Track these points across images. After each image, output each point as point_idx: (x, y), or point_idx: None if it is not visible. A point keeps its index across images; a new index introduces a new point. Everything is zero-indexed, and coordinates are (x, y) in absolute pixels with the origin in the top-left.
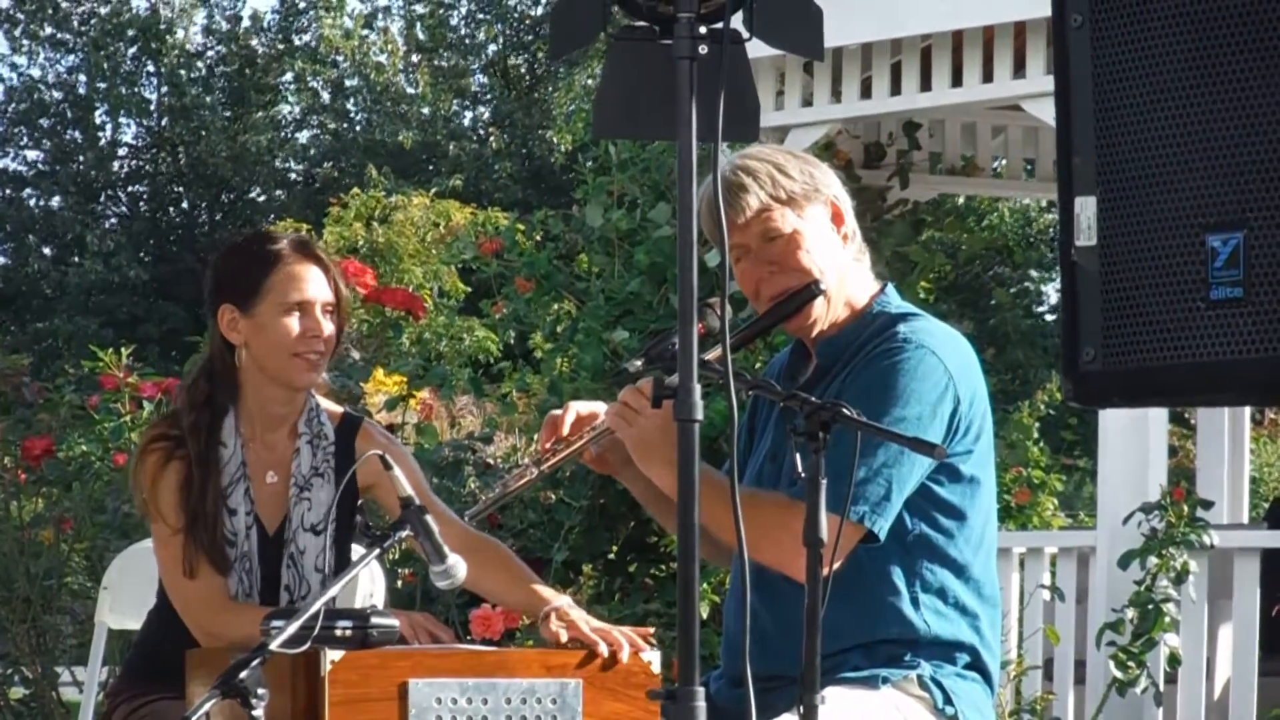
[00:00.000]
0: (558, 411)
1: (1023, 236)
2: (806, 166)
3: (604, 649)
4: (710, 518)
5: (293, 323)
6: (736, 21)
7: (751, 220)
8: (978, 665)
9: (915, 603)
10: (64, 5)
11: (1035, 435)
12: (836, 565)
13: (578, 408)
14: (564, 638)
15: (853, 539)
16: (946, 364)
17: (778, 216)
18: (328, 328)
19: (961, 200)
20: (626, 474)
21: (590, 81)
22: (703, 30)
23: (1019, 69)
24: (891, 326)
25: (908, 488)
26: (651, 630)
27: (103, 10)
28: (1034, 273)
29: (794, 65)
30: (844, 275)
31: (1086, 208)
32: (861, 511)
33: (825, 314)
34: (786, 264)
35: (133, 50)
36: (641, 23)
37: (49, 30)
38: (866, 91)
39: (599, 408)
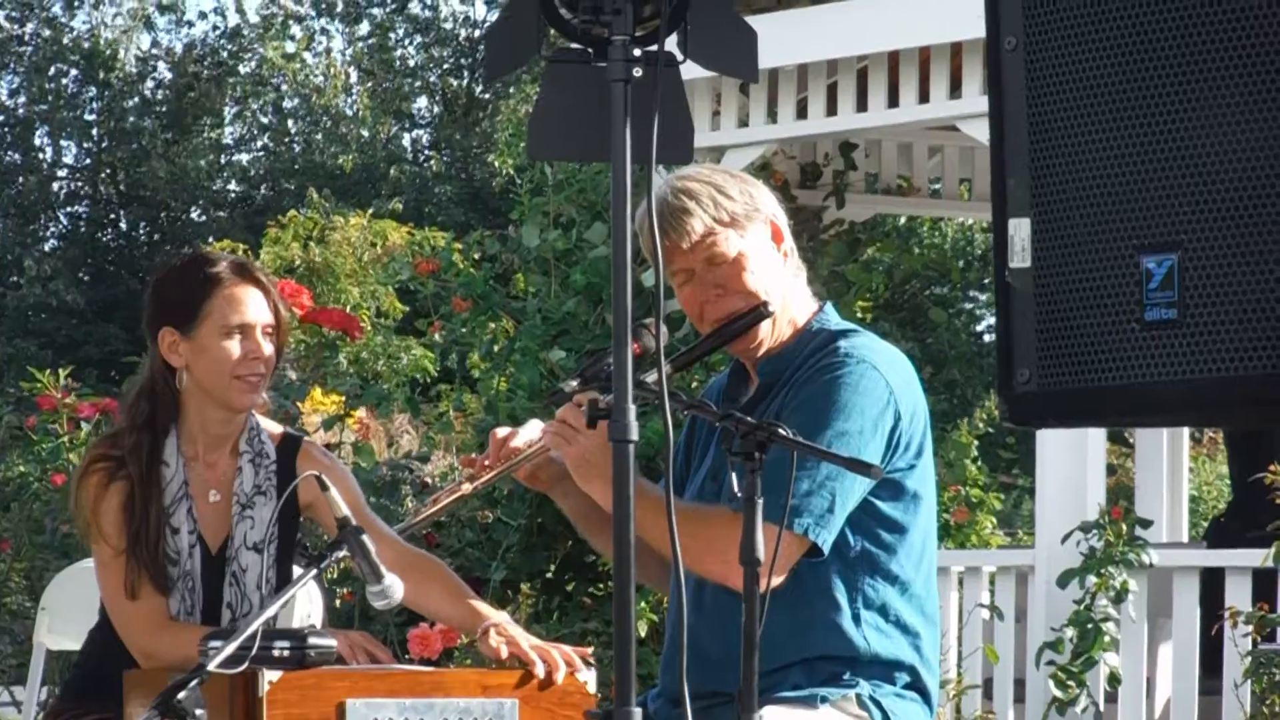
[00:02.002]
0: (504, 430)
1: (964, 255)
2: (745, 186)
3: (540, 669)
4: (650, 533)
5: (233, 345)
6: (671, 44)
7: (696, 244)
8: (917, 685)
9: (856, 619)
10: (6, 26)
11: (974, 454)
12: (779, 579)
13: (525, 434)
14: (504, 653)
15: (796, 552)
16: (888, 379)
17: (722, 239)
18: (268, 349)
19: (904, 220)
20: (558, 490)
21: (527, 105)
22: (637, 52)
23: (955, 89)
24: (832, 342)
25: (851, 501)
26: (590, 650)
27: (45, 33)
28: (973, 293)
29: (730, 86)
30: (786, 294)
31: (1021, 229)
32: (805, 524)
33: (770, 334)
34: (732, 287)
35: (74, 73)
36: (576, 45)
37: None
38: (803, 112)
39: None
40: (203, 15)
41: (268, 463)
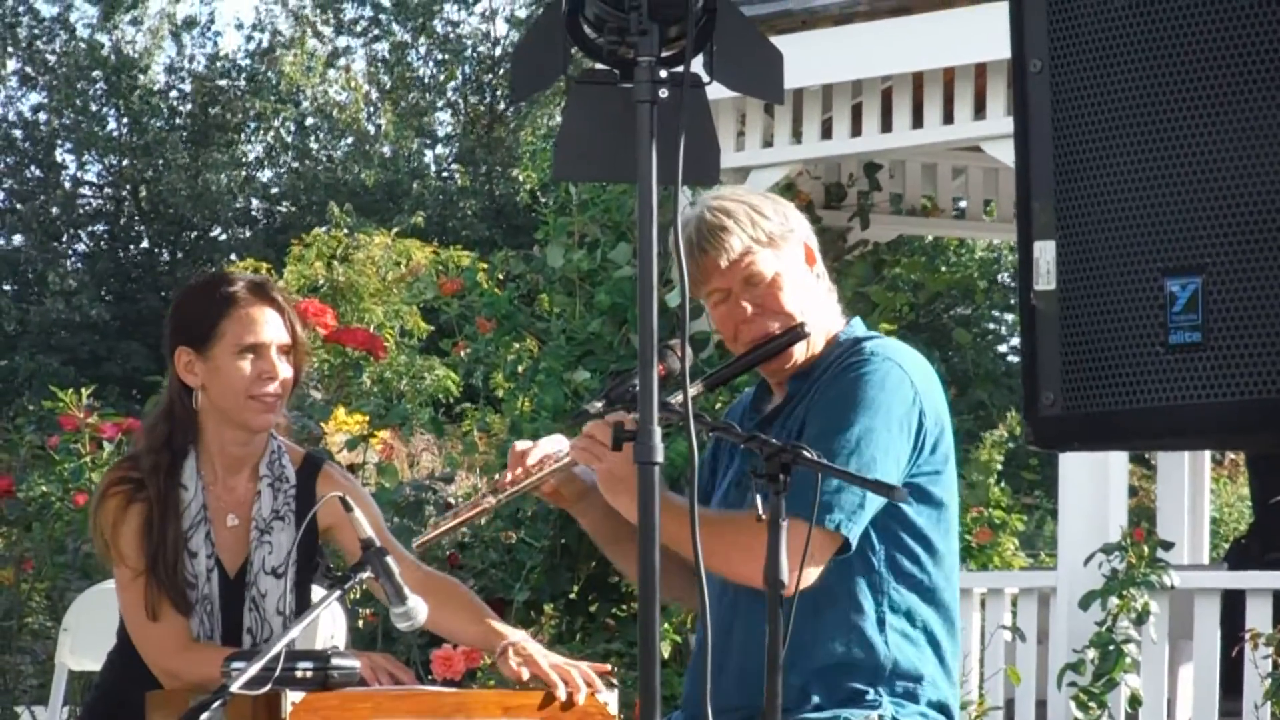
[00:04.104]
0: (524, 444)
1: (990, 274)
2: (779, 207)
3: (562, 691)
4: (675, 540)
5: (247, 365)
6: (697, 65)
7: (734, 262)
8: (939, 701)
9: (881, 623)
10: (36, 42)
11: (998, 469)
12: (813, 578)
13: (545, 447)
14: (524, 675)
15: (829, 548)
16: (912, 379)
17: (759, 259)
18: (283, 370)
19: (930, 239)
20: (580, 507)
21: (550, 121)
22: (663, 73)
23: (979, 110)
24: (856, 344)
25: (878, 500)
26: (609, 667)
27: (70, 49)
28: (996, 313)
29: (755, 106)
30: (820, 315)
31: (1046, 252)
32: (837, 520)
33: (804, 355)
34: (769, 307)
35: (100, 87)
36: (602, 66)
37: (15, 65)
38: (827, 132)
39: (564, 444)
40: (238, 26)
41: (287, 487)
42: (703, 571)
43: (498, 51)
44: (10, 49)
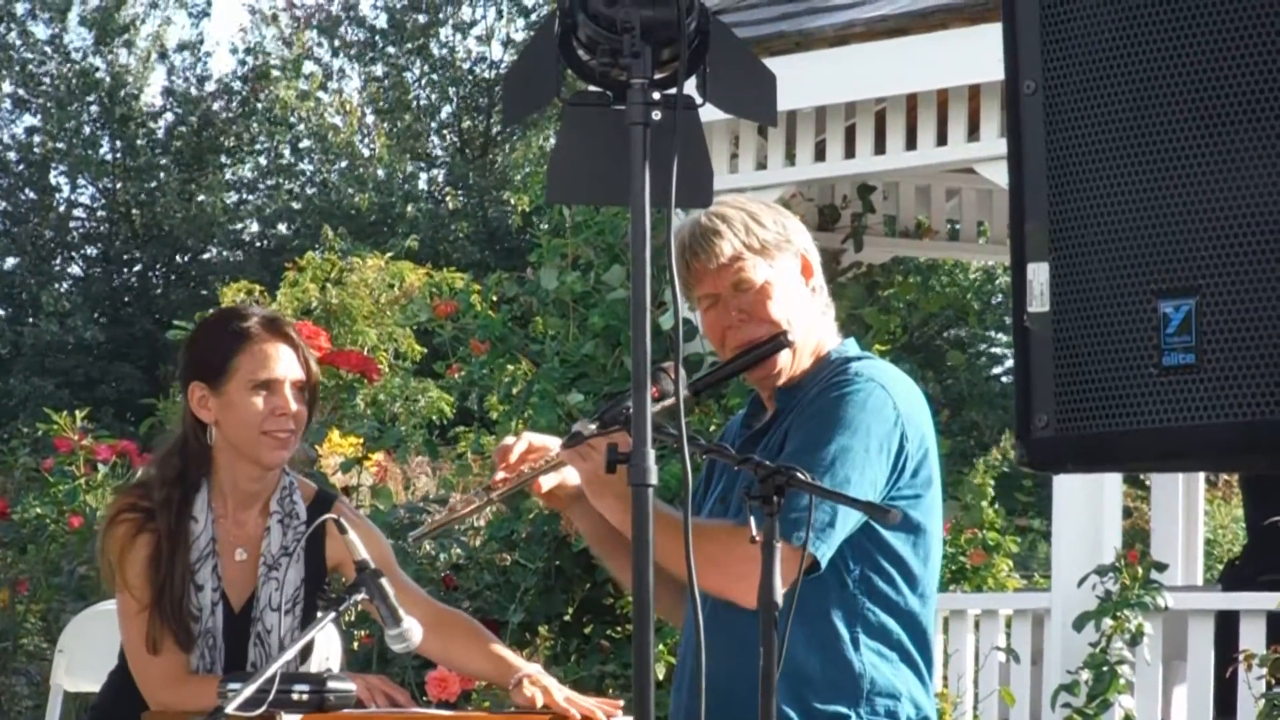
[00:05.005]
0: (510, 440)
1: (982, 294)
2: (779, 217)
3: (577, 716)
4: (660, 552)
5: (260, 401)
6: (690, 87)
7: (723, 266)
8: (923, 718)
9: (855, 643)
10: (30, 65)
11: (991, 494)
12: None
13: (530, 438)
14: (540, 702)
15: (798, 565)
16: (896, 401)
17: (749, 265)
18: (296, 405)
19: (925, 260)
20: (575, 510)
21: (544, 143)
22: (656, 95)
23: (973, 132)
24: (845, 364)
25: (852, 519)
26: (621, 703)
27: (65, 69)
28: (991, 333)
29: (748, 128)
30: (810, 328)
31: (1039, 274)
32: (806, 537)
33: (790, 366)
34: (756, 314)
35: (94, 110)
36: (595, 88)
37: (9, 88)
38: (820, 154)
39: (552, 441)
40: (232, 50)
41: (297, 524)
42: (696, 591)
43: (491, 74)
44: (4, 72)
